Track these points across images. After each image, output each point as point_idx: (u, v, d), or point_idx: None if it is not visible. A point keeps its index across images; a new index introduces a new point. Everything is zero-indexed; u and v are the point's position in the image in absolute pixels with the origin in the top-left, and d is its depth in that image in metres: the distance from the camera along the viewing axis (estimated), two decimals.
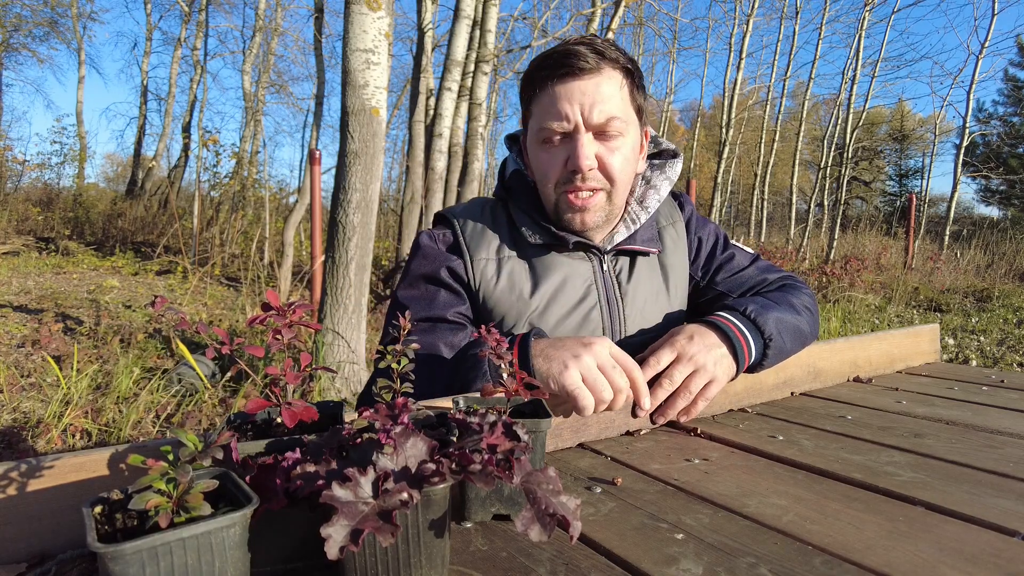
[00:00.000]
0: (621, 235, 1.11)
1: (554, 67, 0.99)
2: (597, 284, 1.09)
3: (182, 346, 2.54)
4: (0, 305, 4.82)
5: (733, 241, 1.25)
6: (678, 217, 1.21)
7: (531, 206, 1.11)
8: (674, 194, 1.26)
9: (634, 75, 1.04)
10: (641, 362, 0.95)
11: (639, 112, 1.07)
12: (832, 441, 0.88)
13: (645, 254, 1.13)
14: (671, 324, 1.11)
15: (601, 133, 1.01)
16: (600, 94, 0.98)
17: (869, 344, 1.33)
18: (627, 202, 1.14)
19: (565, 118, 0.99)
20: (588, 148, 0.99)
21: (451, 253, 1.09)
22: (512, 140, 1.21)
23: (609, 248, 1.10)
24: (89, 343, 3.92)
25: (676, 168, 1.18)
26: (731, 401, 1.07)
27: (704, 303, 1.19)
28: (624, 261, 1.12)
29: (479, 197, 1.24)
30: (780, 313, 1.02)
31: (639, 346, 1.07)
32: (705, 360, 0.92)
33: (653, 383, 0.91)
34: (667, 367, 0.92)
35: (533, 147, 1.07)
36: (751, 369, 1.02)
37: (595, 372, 0.80)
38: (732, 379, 0.97)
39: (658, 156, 1.20)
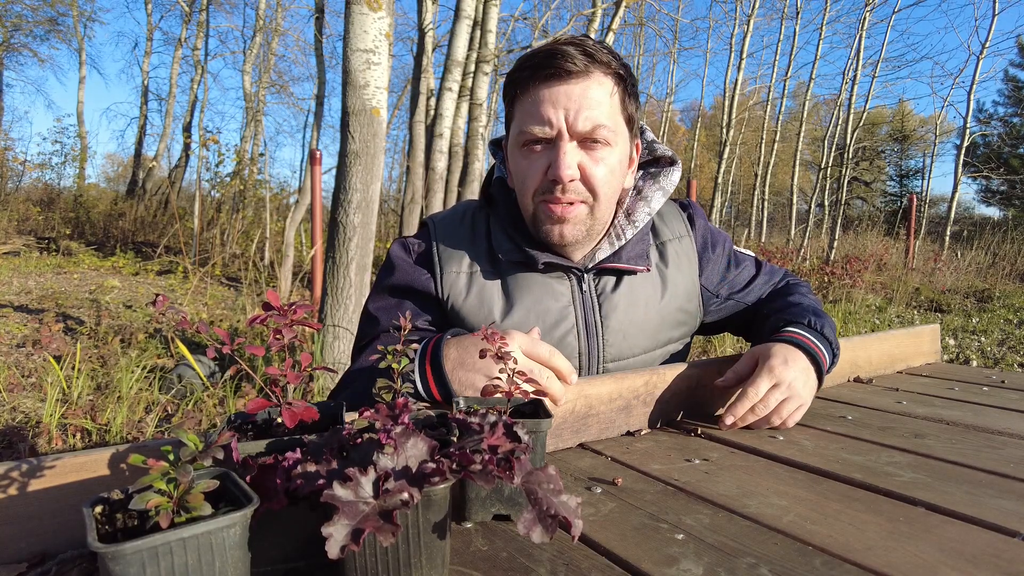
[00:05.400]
0: (604, 252, 1.03)
1: (539, 67, 0.91)
2: (576, 305, 1.01)
3: (182, 346, 2.54)
4: (1, 305, 4.82)
5: (736, 248, 1.21)
6: (685, 232, 1.12)
7: (509, 220, 1.04)
8: (683, 204, 1.17)
9: (626, 81, 0.96)
10: (733, 385, 0.97)
11: (630, 122, 0.98)
12: (832, 441, 0.88)
13: (632, 273, 1.04)
14: (658, 345, 1.06)
15: (586, 141, 0.93)
16: (587, 100, 0.91)
17: (869, 344, 1.33)
18: (615, 214, 1.06)
19: (548, 123, 0.91)
20: (570, 157, 0.92)
21: (421, 266, 1.04)
22: (497, 145, 1.13)
23: (590, 266, 1.03)
24: (90, 343, 3.92)
25: (672, 177, 1.09)
26: None
27: (719, 309, 1.16)
28: (609, 279, 1.04)
29: (466, 201, 1.17)
30: (825, 318, 1.03)
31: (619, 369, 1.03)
32: (802, 389, 0.92)
33: (739, 396, 0.92)
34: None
35: (513, 152, 0.99)
36: None
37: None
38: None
39: (654, 163, 1.10)
